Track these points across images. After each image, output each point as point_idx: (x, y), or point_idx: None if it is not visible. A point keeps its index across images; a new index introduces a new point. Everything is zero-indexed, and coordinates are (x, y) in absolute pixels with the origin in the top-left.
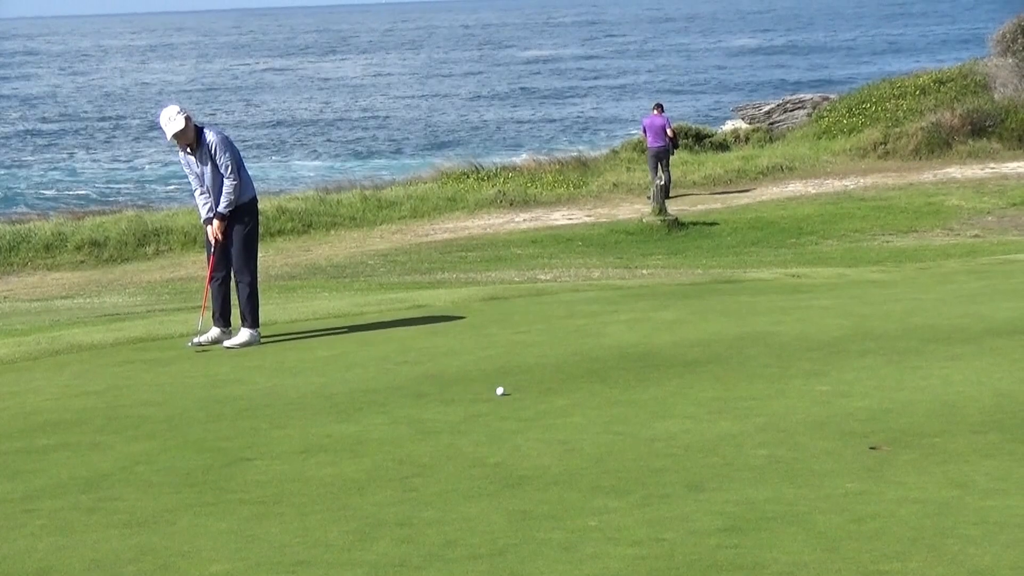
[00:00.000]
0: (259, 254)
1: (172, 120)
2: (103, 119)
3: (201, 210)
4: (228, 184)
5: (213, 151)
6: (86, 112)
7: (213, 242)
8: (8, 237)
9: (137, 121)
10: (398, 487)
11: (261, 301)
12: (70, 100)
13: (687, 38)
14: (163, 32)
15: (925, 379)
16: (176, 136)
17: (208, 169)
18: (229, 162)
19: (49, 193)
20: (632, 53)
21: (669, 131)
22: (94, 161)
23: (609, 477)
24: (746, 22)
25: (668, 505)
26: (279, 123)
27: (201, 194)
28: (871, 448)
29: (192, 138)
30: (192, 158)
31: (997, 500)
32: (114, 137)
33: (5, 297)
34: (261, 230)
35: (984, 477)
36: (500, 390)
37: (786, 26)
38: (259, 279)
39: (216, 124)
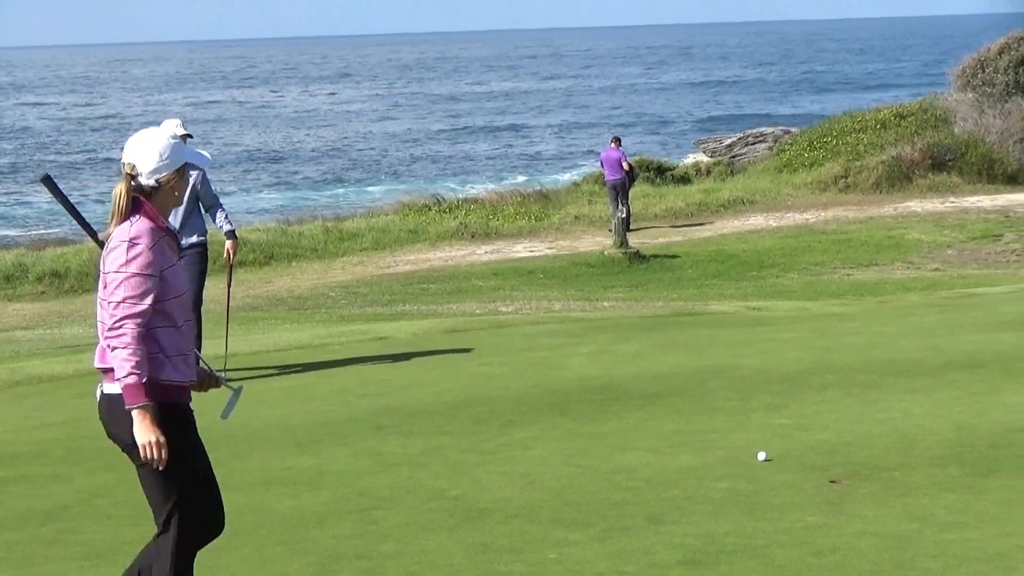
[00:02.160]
0: (221, 285)
1: (179, 129)
2: (64, 150)
3: None
4: (222, 211)
5: (199, 182)
6: (46, 143)
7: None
8: None
9: (99, 153)
10: (358, 520)
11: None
12: (30, 131)
13: (650, 71)
14: (124, 63)
15: (885, 412)
16: None
17: (184, 197)
18: (213, 192)
19: (9, 224)
20: (595, 87)
21: (625, 164)
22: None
23: (570, 510)
24: (710, 56)
25: (628, 538)
26: (240, 154)
27: None
28: (831, 481)
29: None
30: None
31: (956, 533)
32: (76, 168)
33: None
34: (222, 261)
35: (943, 510)
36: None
37: (749, 61)
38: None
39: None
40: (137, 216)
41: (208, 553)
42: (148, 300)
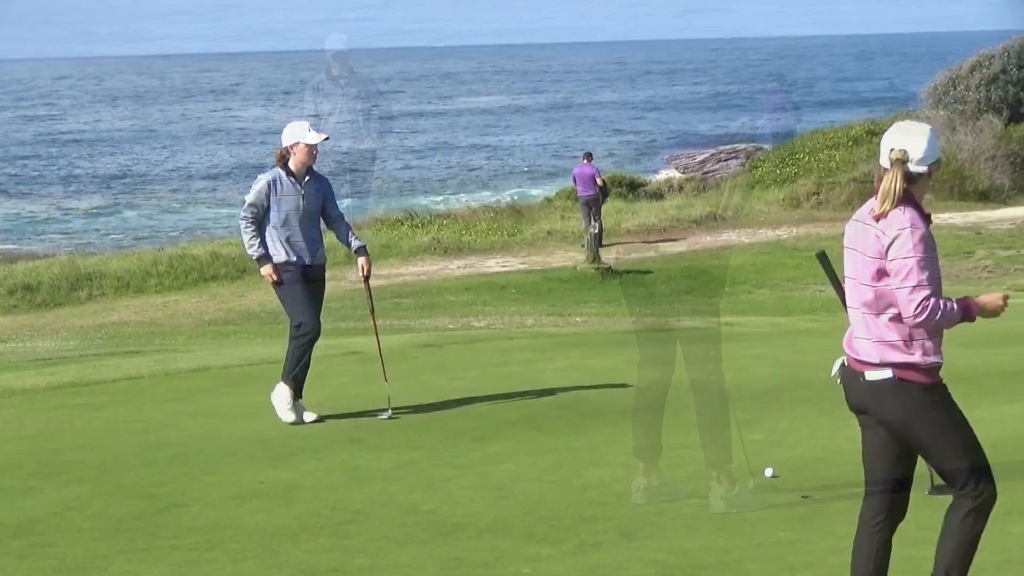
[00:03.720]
0: (195, 299)
1: (312, 133)
2: (36, 163)
3: (256, 248)
4: (345, 221)
5: (328, 187)
6: (16, 155)
7: (366, 274)
8: None
9: (70, 166)
10: (331, 534)
11: (197, 347)
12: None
13: (621, 87)
14: (96, 77)
15: (856, 428)
16: (314, 148)
17: (313, 202)
18: (336, 202)
19: None
20: (568, 103)
21: (598, 180)
22: (27, 205)
23: (542, 525)
24: (683, 72)
25: (601, 553)
26: (214, 167)
27: (251, 223)
28: (803, 497)
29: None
30: (293, 185)
31: (926, 549)
32: (48, 181)
33: None
34: (195, 275)
35: (913, 526)
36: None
37: (721, 76)
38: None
39: (150, 169)
40: (907, 203)
41: (181, 568)
42: (936, 279)
